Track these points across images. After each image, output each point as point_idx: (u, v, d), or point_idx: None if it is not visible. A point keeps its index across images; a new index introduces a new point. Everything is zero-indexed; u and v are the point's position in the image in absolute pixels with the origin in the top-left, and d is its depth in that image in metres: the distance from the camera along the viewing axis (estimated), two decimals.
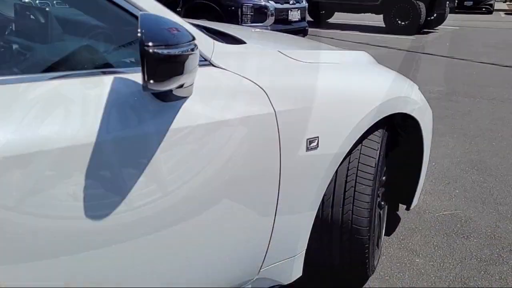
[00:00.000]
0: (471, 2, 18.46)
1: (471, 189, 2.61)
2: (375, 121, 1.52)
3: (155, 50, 0.82)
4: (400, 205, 2.15)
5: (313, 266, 1.58)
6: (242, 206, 1.22)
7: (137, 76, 0.98)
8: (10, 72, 1.00)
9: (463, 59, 7.15)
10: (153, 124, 0.99)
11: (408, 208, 2.02)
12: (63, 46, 1.09)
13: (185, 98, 1.05)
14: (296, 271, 1.49)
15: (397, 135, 1.86)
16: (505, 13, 20.15)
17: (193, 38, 0.92)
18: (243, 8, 5.69)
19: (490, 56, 7.50)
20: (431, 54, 7.57)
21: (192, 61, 0.91)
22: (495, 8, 20.22)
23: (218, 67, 1.18)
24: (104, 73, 1.03)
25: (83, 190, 0.90)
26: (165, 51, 0.84)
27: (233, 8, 5.72)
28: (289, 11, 6.29)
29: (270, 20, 5.92)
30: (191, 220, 1.11)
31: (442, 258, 1.95)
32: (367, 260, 1.61)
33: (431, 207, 2.38)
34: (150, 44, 0.82)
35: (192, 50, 0.90)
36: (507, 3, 25.89)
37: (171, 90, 0.98)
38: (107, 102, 0.94)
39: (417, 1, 9.61)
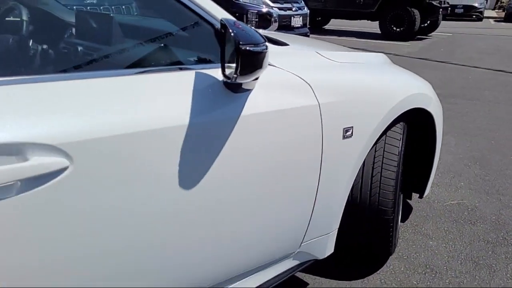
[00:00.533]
0: (462, 10, 18.90)
1: (474, 181, 2.82)
2: (398, 114, 1.72)
3: (248, 48, 1.01)
4: (412, 194, 2.35)
5: (342, 245, 1.76)
6: (292, 187, 1.41)
7: (206, 71, 1.18)
8: (109, 67, 1.17)
9: (458, 64, 7.42)
10: (227, 110, 1.17)
11: (421, 196, 2.21)
12: (145, 47, 1.27)
13: (249, 90, 1.24)
14: (329, 248, 1.67)
15: (412, 130, 2.06)
16: (495, 20, 20.66)
17: (265, 39, 1.11)
18: (249, 15, 5.91)
19: (483, 61, 7.78)
20: (427, 59, 7.84)
21: (267, 58, 1.10)
22: (484, 15, 20.72)
23: (271, 65, 1.37)
24: (181, 69, 1.22)
25: (178, 163, 1.08)
26: (254, 49, 1.02)
27: (238, 14, 5.92)
28: (292, 17, 6.52)
29: (274, 26, 6.14)
30: (253, 197, 1.29)
31: (453, 241, 2.15)
32: (390, 239, 1.80)
33: (440, 198, 2.58)
34: (244, 42, 1.01)
35: (267, 48, 1.09)
36: (496, 10, 26.48)
37: (241, 84, 1.18)
38: (190, 91, 1.13)
39: (412, 9, 9.90)
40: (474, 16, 19.51)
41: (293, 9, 6.55)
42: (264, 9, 6.12)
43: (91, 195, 0.96)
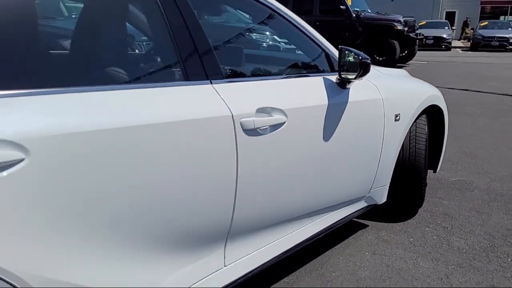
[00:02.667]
0: (432, 40, 20.57)
1: (468, 167, 3.73)
2: (423, 108, 2.61)
3: (364, 60, 1.89)
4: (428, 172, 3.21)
5: (389, 196, 2.60)
6: (368, 150, 2.26)
7: (327, 77, 2.04)
8: (260, 74, 2.02)
9: (438, 87, 8.46)
10: (339, 98, 2.02)
11: (435, 171, 3.08)
12: (287, 61, 2.12)
13: (349, 88, 2.10)
14: (384, 196, 2.51)
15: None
16: (462, 50, 22.44)
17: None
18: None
19: (459, 84, 8.93)
20: None
21: (370, 66, 1.97)
22: (452, 45, 22.52)
23: None
24: (306, 75, 2.08)
25: (323, 127, 1.91)
26: (367, 60, 1.90)
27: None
28: None
29: None
30: (349, 155, 2.14)
31: (459, 201, 3.03)
32: (422, 192, 2.66)
33: (445, 177, 3.47)
34: (362, 57, 1.88)
35: (370, 60, 1.96)
36: (462, 40, 28.57)
37: (347, 83, 2.04)
38: (320, 87, 1.98)
39: (392, 40, 11.15)
40: (443, 46, 21.23)
41: None
42: None
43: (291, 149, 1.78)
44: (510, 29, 21.90)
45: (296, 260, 2.22)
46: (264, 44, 4.06)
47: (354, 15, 11.28)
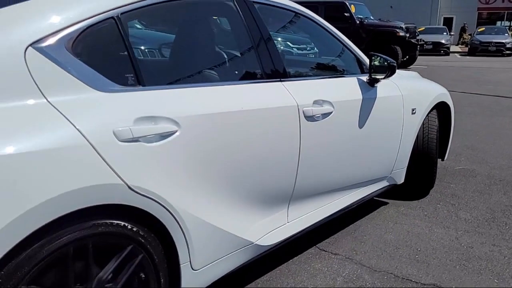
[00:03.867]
0: (431, 46, 21.18)
1: (470, 157, 4.23)
2: (434, 104, 3.11)
3: (392, 63, 2.39)
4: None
5: (406, 178, 3.09)
6: (391, 137, 2.76)
7: (359, 77, 2.53)
8: (311, 75, 2.51)
9: None
10: (370, 94, 2.52)
11: (443, 160, 3.57)
12: (329, 64, 2.62)
13: (376, 86, 2.59)
14: (402, 177, 3.01)
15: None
16: (460, 55, 23.03)
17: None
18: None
19: (458, 87, 9.46)
20: None
21: (396, 68, 2.48)
22: (451, 50, 23.13)
23: None
24: (343, 76, 2.57)
25: (358, 117, 2.41)
26: (394, 64, 2.40)
27: None
28: None
29: None
30: (374, 144, 2.63)
31: (464, 184, 3.52)
32: (434, 174, 3.16)
33: (450, 166, 3.97)
34: (390, 61, 2.38)
35: (396, 63, 2.46)
36: (459, 46, 29.19)
37: (376, 82, 2.54)
38: (355, 86, 2.48)
39: (395, 46, 11.70)
40: (442, 52, 21.82)
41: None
42: None
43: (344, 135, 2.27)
44: (506, 34, 22.52)
45: (334, 226, 2.70)
46: (310, 52, 4.77)
47: (358, 22, 11.83)
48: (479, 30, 23.81)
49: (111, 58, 1.53)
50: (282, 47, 6.72)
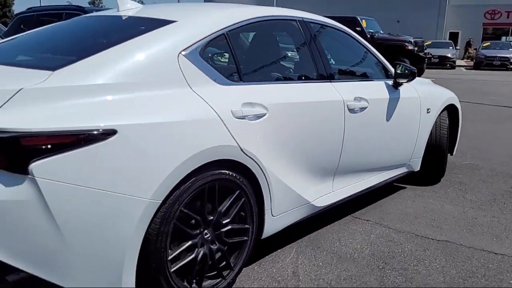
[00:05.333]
0: (438, 59, 21.85)
1: (475, 155, 4.86)
2: (445, 106, 3.75)
3: (413, 70, 3.04)
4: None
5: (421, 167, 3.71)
6: (410, 131, 3.39)
7: (385, 81, 3.18)
8: (350, 79, 3.15)
9: None
10: (395, 94, 3.16)
11: (452, 154, 4.19)
12: (363, 71, 3.27)
13: (399, 89, 3.24)
14: (418, 166, 3.64)
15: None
16: (465, 68, 23.69)
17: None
18: None
19: (463, 97, 10.04)
20: None
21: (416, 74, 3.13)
22: (456, 64, 23.80)
23: None
24: (374, 80, 3.22)
25: (386, 113, 3.05)
26: (415, 70, 3.05)
27: None
28: None
29: None
30: (398, 134, 3.27)
31: (470, 175, 4.14)
32: (444, 165, 3.79)
33: (458, 161, 4.59)
34: (411, 68, 3.04)
35: (415, 70, 3.11)
36: (465, 60, 29.86)
37: (400, 85, 3.19)
38: (384, 87, 3.12)
39: (403, 58, 12.36)
40: (448, 65, 22.49)
41: None
42: None
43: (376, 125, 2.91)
44: (511, 49, 23.18)
45: (363, 202, 3.32)
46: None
47: (368, 36, 12.52)
48: (484, 45, 24.49)
49: (224, 61, 2.19)
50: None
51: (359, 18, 12.74)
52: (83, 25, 2.55)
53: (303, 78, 2.72)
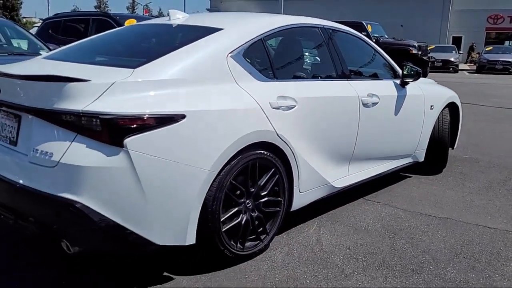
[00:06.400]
0: (441, 63, 22.29)
1: (475, 150, 5.28)
2: (446, 103, 4.18)
3: (419, 71, 3.48)
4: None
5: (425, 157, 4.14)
6: (415, 125, 3.82)
7: (394, 81, 3.62)
8: (363, 78, 3.59)
9: None
10: (402, 92, 3.60)
11: (453, 148, 4.61)
12: (374, 71, 3.70)
13: (406, 87, 3.67)
14: (423, 157, 4.07)
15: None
16: (468, 72, 24.10)
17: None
18: None
19: (465, 99, 10.45)
20: None
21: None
22: (459, 68, 24.20)
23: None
24: (380, 79, 3.65)
25: (394, 108, 3.48)
26: (420, 71, 3.48)
27: None
28: None
29: None
30: (405, 127, 3.70)
31: (470, 167, 4.57)
32: (446, 155, 4.22)
33: (459, 155, 5.01)
34: (417, 69, 3.48)
35: (421, 70, 3.55)
36: (468, 64, 30.26)
37: (407, 84, 3.62)
38: (392, 86, 3.56)
39: (407, 62, 12.78)
40: (451, 69, 22.90)
41: None
42: None
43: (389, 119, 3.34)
44: None
45: (374, 187, 3.75)
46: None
47: (374, 40, 12.96)
48: (486, 49, 24.90)
49: (261, 62, 2.64)
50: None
51: (364, 23, 13.19)
52: (142, 31, 3.01)
53: (324, 76, 3.16)
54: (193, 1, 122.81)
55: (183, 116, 2.07)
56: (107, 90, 1.98)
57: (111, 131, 1.92)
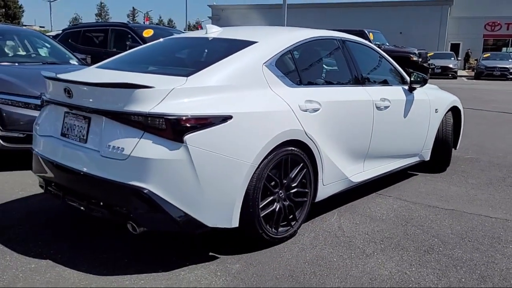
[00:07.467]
0: (440, 70, 22.74)
1: (476, 151, 5.65)
2: (449, 107, 4.56)
3: (426, 78, 3.85)
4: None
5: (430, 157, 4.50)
6: (421, 126, 4.20)
7: (402, 86, 3.99)
8: (376, 84, 3.96)
9: None
10: (410, 97, 3.97)
11: (455, 148, 4.98)
12: (384, 78, 4.07)
13: (414, 92, 4.05)
14: (428, 156, 4.45)
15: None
16: (467, 78, 24.56)
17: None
18: None
19: (465, 104, 10.72)
20: None
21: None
22: (458, 74, 24.66)
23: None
24: (391, 85, 4.03)
25: (403, 111, 3.85)
26: (427, 77, 3.85)
27: None
28: None
29: None
30: (412, 129, 4.07)
31: (471, 166, 4.93)
32: (449, 156, 4.58)
33: (460, 155, 5.38)
34: (423, 76, 3.85)
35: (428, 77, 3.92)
36: (466, 70, 30.75)
37: (415, 89, 4.00)
38: (401, 91, 3.93)
39: (408, 68, 13.19)
40: (450, 75, 23.35)
41: None
42: None
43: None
44: (510, 60, 24.06)
45: (384, 183, 4.11)
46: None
47: None
48: (484, 55, 25.39)
49: (290, 70, 3.01)
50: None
51: (366, 31, 13.61)
52: (184, 44, 3.40)
53: (342, 82, 3.54)
54: (193, 10, 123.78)
55: (230, 117, 2.44)
56: (168, 95, 2.35)
57: (174, 129, 2.29)
